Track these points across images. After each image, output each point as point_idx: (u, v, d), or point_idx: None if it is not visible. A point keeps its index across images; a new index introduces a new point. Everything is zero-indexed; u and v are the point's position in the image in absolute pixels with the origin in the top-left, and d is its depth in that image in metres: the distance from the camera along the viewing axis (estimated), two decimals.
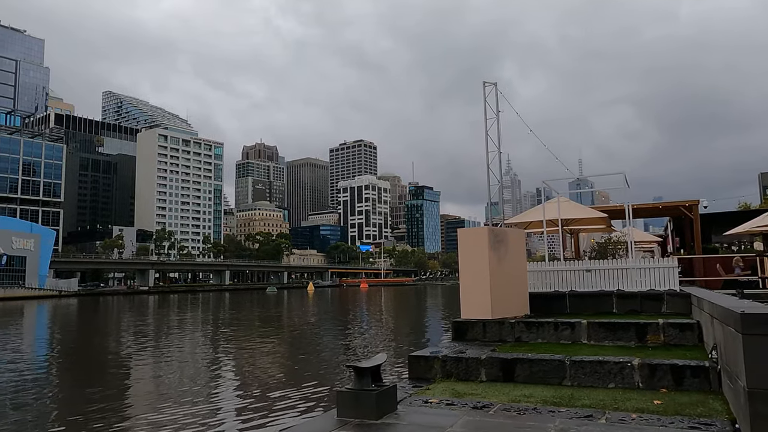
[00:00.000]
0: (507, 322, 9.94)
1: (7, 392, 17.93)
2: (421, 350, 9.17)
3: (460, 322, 10.23)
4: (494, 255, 10.28)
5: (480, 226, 11.51)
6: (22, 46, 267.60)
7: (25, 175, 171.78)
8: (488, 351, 8.47)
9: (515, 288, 10.84)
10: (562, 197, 15.06)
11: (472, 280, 10.35)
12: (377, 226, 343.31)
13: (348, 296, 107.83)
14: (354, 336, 33.97)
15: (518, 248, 11.02)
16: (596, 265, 11.93)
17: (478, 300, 10.21)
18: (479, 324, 10.03)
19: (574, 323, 9.41)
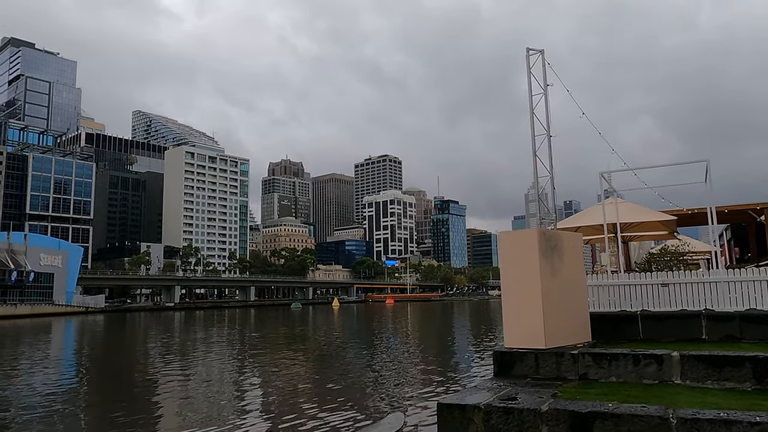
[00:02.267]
0: (567, 353, 7.59)
1: (36, 409, 18.15)
2: (455, 395, 6.87)
3: (505, 353, 7.92)
4: (547, 265, 7.99)
5: (528, 228, 8.94)
6: (55, 68, 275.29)
7: (56, 193, 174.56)
8: (548, 397, 6.14)
9: (573, 308, 8.50)
10: (615, 199, 12.64)
11: (518, 299, 8.07)
12: (403, 241, 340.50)
13: (373, 312, 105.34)
14: (379, 356, 31.73)
15: (575, 256, 8.69)
16: (676, 277, 9.46)
17: (526, 324, 7.90)
18: (530, 356, 7.70)
19: (662, 356, 7.01)
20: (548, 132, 10.56)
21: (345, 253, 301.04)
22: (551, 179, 10.37)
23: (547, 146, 10.50)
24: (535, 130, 10.55)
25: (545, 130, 10.55)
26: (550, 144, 10.55)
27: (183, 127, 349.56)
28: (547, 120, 10.57)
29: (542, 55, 10.88)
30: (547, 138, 10.54)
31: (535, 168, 10.55)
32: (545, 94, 10.68)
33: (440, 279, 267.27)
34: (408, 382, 20.23)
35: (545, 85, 10.78)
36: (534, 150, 10.60)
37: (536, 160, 10.54)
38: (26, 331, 64.43)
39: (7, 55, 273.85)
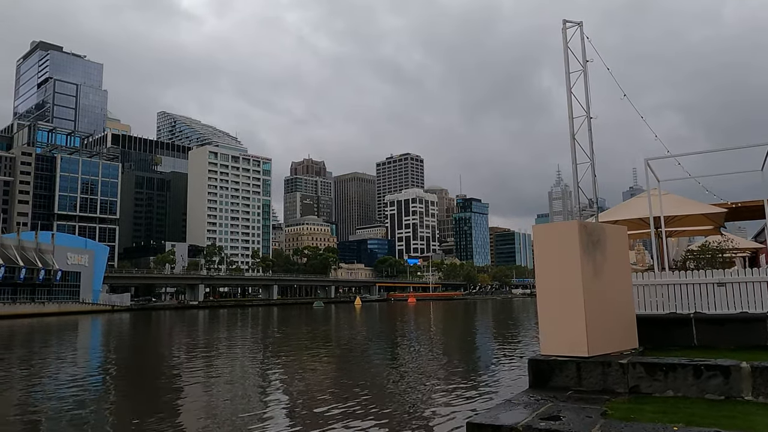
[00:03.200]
0: (615, 362, 6.65)
1: (63, 406, 18.64)
2: (487, 413, 5.98)
3: (541, 362, 7.01)
4: (589, 262, 7.07)
5: (568, 221, 7.90)
6: (82, 70, 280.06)
7: (84, 194, 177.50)
8: (598, 416, 5.24)
9: (618, 310, 7.56)
10: (654, 190, 11.56)
11: (556, 300, 7.16)
12: (425, 239, 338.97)
13: (396, 311, 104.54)
14: (402, 359, 30.94)
15: (620, 252, 7.74)
16: (734, 275, 8.42)
17: (566, 329, 6.99)
18: (571, 365, 6.78)
19: (729, 367, 6.03)
20: (588, 113, 9.56)
21: (367, 251, 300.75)
22: (592, 165, 9.36)
23: (586, 129, 9.49)
24: (573, 109, 9.56)
25: (585, 110, 9.55)
26: (590, 126, 9.56)
27: (206, 128, 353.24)
28: (586, 100, 9.57)
29: (581, 28, 9.86)
30: (586, 119, 9.54)
31: (574, 152, 9.53)
32: (584, 70, 9.69)
33: (463, 277, 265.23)
34: (433, 390, 19.10)
35: (584, 61, 9.77)
36: (572, 132, 9.59)
37: (574, 144, 9.53)
38: (54, 329, 65.25)
39: (36, 59, 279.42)
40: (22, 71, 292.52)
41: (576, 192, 9.25)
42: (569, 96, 9.72)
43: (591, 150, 9.69)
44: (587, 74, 9.78)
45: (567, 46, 9.71)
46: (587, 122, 9.72)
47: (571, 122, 9.73)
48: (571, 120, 9.73)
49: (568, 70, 9.71)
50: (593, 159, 9.53)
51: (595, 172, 9.86)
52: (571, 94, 9.67)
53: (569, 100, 9.73)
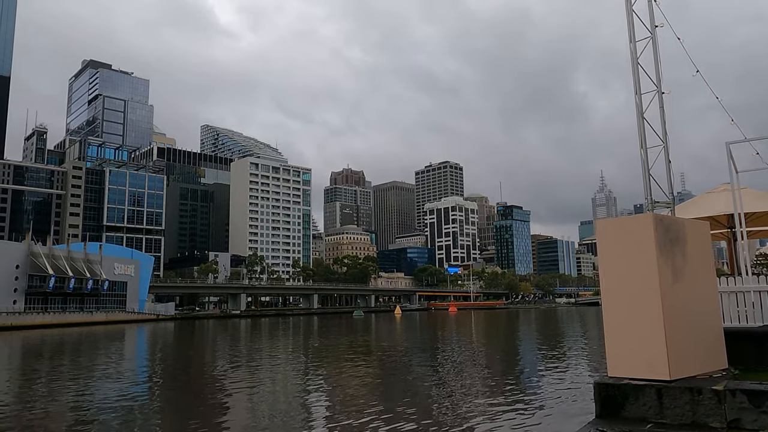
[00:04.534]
0: (707, 388, 5.37)
1: (112, 411, 19.60)
2: None
3: (610, 386, 5.77)
4: (667, 264, 5.82)
5: (641, 213, 6.49)
6: (129, 87, 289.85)
7: (131, 206, 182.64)
8: None
9: (703, 323, 6.25)
10: (725, 185, 10.11)
11: (626, 310, 5.93)
12: (465, 247, 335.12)
13: (436, 321, 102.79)
14: (445, 375, 29.62)
15: (703, 253, 6.44)
16: None
17: (640, 346, 5.75)
18: (649, 391, 5.52)
19: None
20: (659, 87, 8.21)
21: (407, 260, 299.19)
22: (665, 149, 8.00)
23: (645, 109, 8.13)
24: (641, 84, 8.22)
25: (655, 85, 8.20)
26: (662, 103, 8.18)
27: (248, 139, 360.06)
28: (657, 72, 8.23)
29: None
30: (658, 95, 8.20)
31: (642, 134, 8.13)
32: (653, 37, 8.34)
33: (504, 286, 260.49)
34: (479, 414, 17.45)
35: (653, 27, 8.44)
36: (640, 110, 8.22)
37: (643, 124, 8.16)
38: (101, 337, 66.55)
39: (86, 77, 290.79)
40: (74, 89, 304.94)
41: (647, 181, 7.85)
42: (635, 68, 8.40)
43: (663, 131, 8.34)
44: (656, 41, 8.46)
45: (631, 9, 8.41)
46: (658, 98, 8.38)
47: (639, 99, 8.41)
48: (639, 96, 8.41)
49: (633, 37, 8.39)
50: (667, 141, 8.18)
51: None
52: (638, 66, 8.35)
53: (635, 72, 8.42)
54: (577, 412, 15.35)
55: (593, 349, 38.28)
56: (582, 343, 45.23)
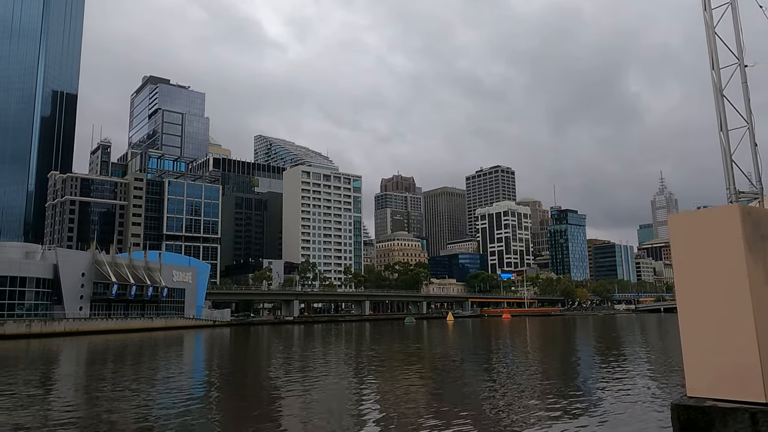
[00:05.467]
0: None
1: (173, 412, 20.73)
2: None
3: (692, 409, 5.10)
4: (758, 264, 5.11)
5: (724, 205, 5.66)
6: (186, 100, 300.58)
7: (189, 215, 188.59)
8: None
9: None
10: None
11: (709, 319, 5.25)
12: (518, 253, 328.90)
13: (490, 328, 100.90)
14: (501, 387, 28.71)
15: None
16: None
17: (727, 361, 5.07)
18: (740, 415, 4.83)
19: None
20: (741, 59, 7.26)
21: (458, 266, 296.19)
22: (750, 131, 7.06)
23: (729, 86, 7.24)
24: (719, 57, 7.31)
25: (736, 57, 7.25)
26: (745, 77, 7.23)
27: (300, 148, 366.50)
28: (738, 43, 7.27)
29: None
30: (739, 69, 7.26)
31: (722, 114, 7.17)
32: (731, 3, 7.41)
33: (560, 292, 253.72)
34: (538, 429, 16.55)
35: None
36: (719, 87, 7.26)
37: (723, 103, 7.20)
38: (161, 343, 68.73)
39: (147, 92, 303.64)
40: (135, 104, 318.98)
41: (729, 168, 6.90)
42: (711, 38, 7.49)
43: (747, 110, 7.38)
44: (736, 7, 7.54)
45: None
46: (740, 72, 7.47)
47: (717, 74, 7.47)
48: (716, 71, 7.48)
49: (708, 7, 7.49)
50: (752, 122, 7.26)
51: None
52: (714, 35, 7.44)
53: (712, 43, 7.50)
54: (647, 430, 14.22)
55: (662, 361, 36.02)
56: (648, 354, 42.44)
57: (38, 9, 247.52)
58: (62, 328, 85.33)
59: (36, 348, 60.06)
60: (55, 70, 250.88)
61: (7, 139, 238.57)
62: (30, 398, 24.87)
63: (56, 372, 38.73)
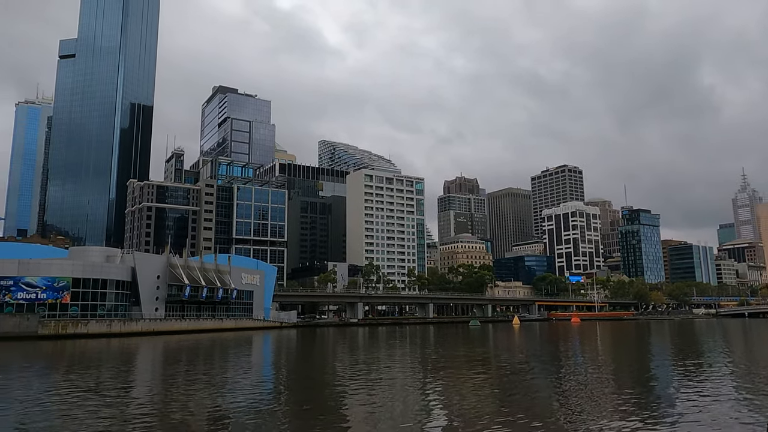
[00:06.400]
0: None
1: (243, 409, 21.79)
2: None
3: None
4: None
5: None
6: (253, 108, 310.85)
7: (257, 219, 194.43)
8: None
9: None
10: None
11: None
12: (587, 255, 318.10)
13: (558, 332, 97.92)
14: (570, 393, 27.63)
15: None
16: None
17: None
18: None
19: None
20: None
21: (524, 269, 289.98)
22: None
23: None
24: None
25: None
26: None
27: (362, 152, 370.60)
28: None
29: None
30: None
31: None
32: None
33: (633, 296, 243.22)
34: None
35: None
36: None
37: None
38: (231, 343, 70.98)
39: (216, 102, 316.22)
40: (206, 114, 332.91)
41: None
42: None
43: None
44: None
45: None
46: None
47: None
48: None
49: None
50: None
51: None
52: None
53: None
54: None
55: (752, 372, 33.07)
56: (734, 364, 38.51)
57: (117, 28, 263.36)
58: (139, 328, 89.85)
59: (116, 347, 63.39)
60: (132, 85, 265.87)
61: (91, 151, 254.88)
62: (113, 395, 26.23)
63: (135, 371, 40.71)
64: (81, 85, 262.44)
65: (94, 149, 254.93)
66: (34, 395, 25.89)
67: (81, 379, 32.86)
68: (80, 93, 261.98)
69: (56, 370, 39.39)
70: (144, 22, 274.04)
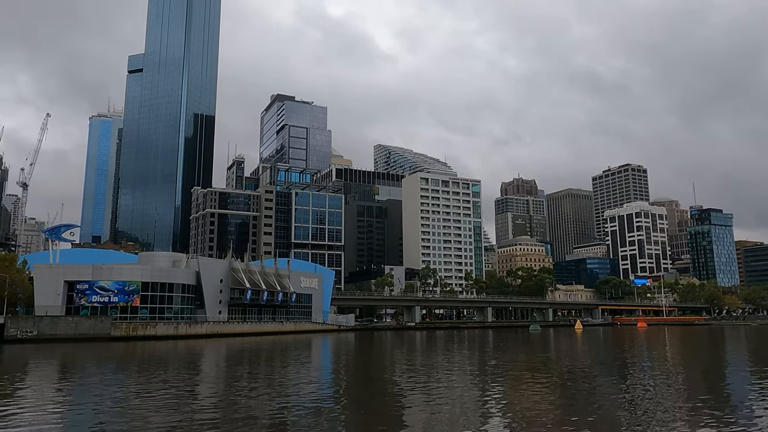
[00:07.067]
0: None
1: (304, 410, 22.42)
2: None
3: None
4: None
5: None
6: (310, 115, 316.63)
7: (315, 224, 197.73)
8: None
9: None
10: None
11: None
12: (653, 257, 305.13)
13: (623, 338, 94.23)
14: (637, 405, 26.44)
15: None
16: None
17: None
18: None
19: None
20: None
21: (586, 271, 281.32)
22: None
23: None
24: None
25: None
26: None
27: (418, 156, 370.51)
28: None
29: None
30: None
31: None
32: None
33: (704, 300, 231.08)
34: None
35: None
36: None
37: None
38: (291, 345, 72.33)
39: (275, 110, 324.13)
40: (264, 122, 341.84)
41: None
42: None
43: None
44: None
45: None
46: None
47: None
48: None
49: None
50: None
51: None
52: None
53: None
54: None
55: None
56: None
57: (181, 42, 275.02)
58: (204, 330, 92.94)
59: (183, 348, 65.81)
60: (195, 96, 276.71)
61: (158, 161, 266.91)
62: (183, 393, 27.33)
63: (202, 371, 42.12)
64: (148, 97, 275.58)
65: (161, 158, 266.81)
66: (110, 393, 27.30)
67: (152, 379, 34.41)
68: (147, 105, 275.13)
69: (129, 370, 41.34)
70: (205, 37, 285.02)
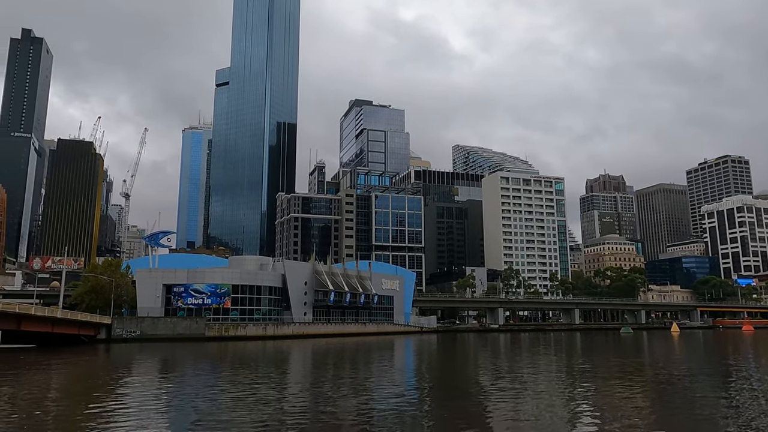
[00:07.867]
0: None
1: (386, 410, 22.93)
2: None
3: None
4: None
5: None
6: (387, 118, 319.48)
7: (394, 226, 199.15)
8: None
9: None
10: None
11: None
12: (759, 255, 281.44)
13: (726, 342, 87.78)
14: (743, 408, 24.59)
15: None
16: None
17: None
18: None
19: None
20: None
21: (682, 271, 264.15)
22: None
23: None
24: None
25: None
26: None
27: (497, 155, 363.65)
28: None
29: None
30: None
31: None
32: None
33: None
34: None
35: None
36: None
37: None
38: (375, 346, 73.37)
39: (353, 115, 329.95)
40: (344, 127, 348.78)
41: None
42: None
43: None
44: None
45: None
46: None
47: None
48: None
49: None
50: None
51: None
52: None
53: None
54: None
55: None
56: None
57: (263, 55, 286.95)
58: (290, 331, 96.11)
59: (271, 348, 68.39)
60: (278, 105, 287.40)
61: (245, 169, 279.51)
62: (273, 391, 28.48)
63: (290, 371, 43.70)
64: (234, 109, 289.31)
65: (247, 166, 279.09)
66: (205, 391, 28.90)
67: (244, 377, 36.07)
68: (234, 116, 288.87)
69: (223, 369, 43.55)
70: (286, 48, 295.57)
